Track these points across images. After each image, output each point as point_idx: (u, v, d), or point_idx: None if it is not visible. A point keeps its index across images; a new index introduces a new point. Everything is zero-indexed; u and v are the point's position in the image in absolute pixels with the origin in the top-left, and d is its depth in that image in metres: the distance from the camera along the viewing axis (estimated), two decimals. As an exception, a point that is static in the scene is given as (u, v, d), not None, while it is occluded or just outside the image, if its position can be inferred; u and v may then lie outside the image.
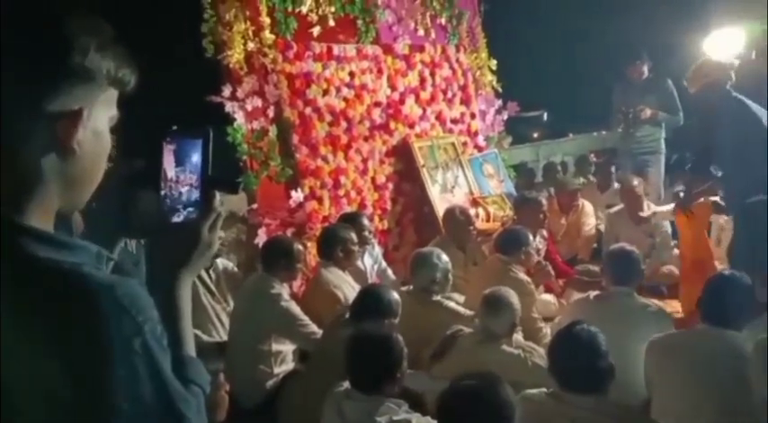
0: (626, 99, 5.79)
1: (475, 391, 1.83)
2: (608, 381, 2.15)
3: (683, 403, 2.44)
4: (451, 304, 3.28)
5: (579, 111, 8.71)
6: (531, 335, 3.20)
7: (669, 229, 4.72)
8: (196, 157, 1.09)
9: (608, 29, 8.18)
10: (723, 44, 4.84)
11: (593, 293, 3.18)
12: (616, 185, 5.69)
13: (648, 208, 4.86)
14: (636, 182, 4.91)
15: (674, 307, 4.25)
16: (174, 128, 1.07)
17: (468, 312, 3.16)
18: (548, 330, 3.29)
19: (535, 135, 11.29)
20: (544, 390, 2.21)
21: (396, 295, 2.79)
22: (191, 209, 1.08)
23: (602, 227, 5.25)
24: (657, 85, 5.73)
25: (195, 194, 1.08)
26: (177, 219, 1.07)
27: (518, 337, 2.99)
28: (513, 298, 2.85)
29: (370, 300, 2.73)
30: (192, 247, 1.05)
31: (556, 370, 2.22)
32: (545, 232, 4.60)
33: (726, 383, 2.41)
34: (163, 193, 1.07)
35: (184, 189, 1.08)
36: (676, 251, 4.72)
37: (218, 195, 1.07)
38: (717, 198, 3.96)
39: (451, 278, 3.41)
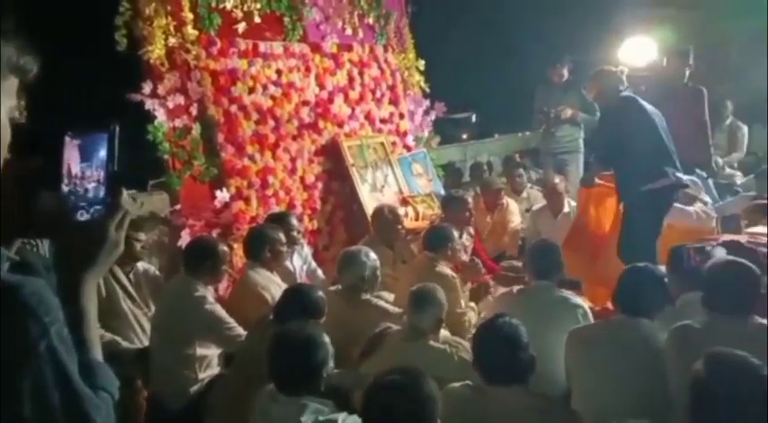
0: (548, 100, 6.01)
1: (398, 385, 1.85)
2: (529, 372, 2.21)
3: (603, 392, 2.53)
4: (380, 302, 3.28)
5: (505, 112, 8.93)
6: (458, 329, 3.24)
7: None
8: (102, 153, 1.05)
9: (533, 33, 8.43)
10: (636, 52, 5.15)
11: (516, 288, 3.26)
12: (524, 194, 5.87)
13: (569, 205, 5.05)
14: (558, 180, 5.09)
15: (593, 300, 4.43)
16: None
17: (397, 310, 3.17)
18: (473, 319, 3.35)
19: (464, 136, 11.47)
20: (468, 383, 2.25)
21: (321, 294, 2.77)
22: (97, 206, 1.03)
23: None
24: (577, 88, 5.98)
25: (101, 191, 1.03)
26: (82, 217, 1.03)
27: (445, 332, 3.01)
28: (439, 293, 2.88)
29: (295, 299, 2.70)
30: (97, 246, 1.01)
31: (479, 363, 2.26)
32: (472, 229, 4.69)
33: (642, 371, 2.52)
34: (67, 189, 1.02)
35: (90, 186, 1.04)
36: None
37: (124, 192, 1.04)
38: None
39: (380, 276, 3.42)
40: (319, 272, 4.22)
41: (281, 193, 4.55)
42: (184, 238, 3.84)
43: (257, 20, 4.54)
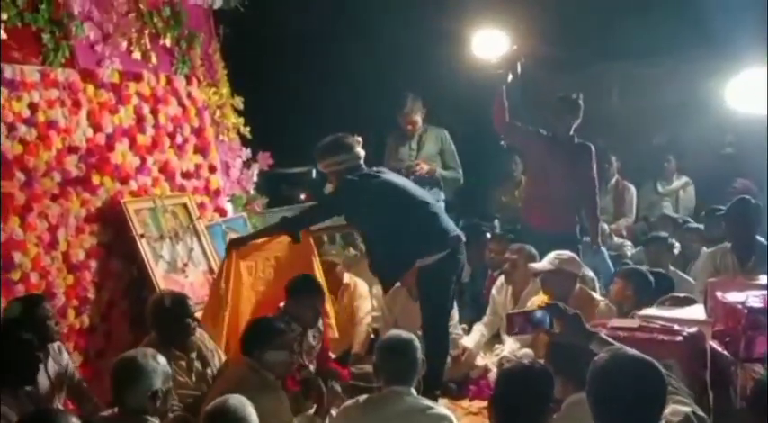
0: (399, 153, 6.20)
1: None
2: None
3: None
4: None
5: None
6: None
7: (455, 311, 5.02)
8: None
9: (384, 69, 8.78)
10: (488, 45, 5.51)
11: (362, 397, 3.25)
12: None
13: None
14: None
15: (466, 407, 4.51)
16: None
17: None
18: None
19: (302, 197, 11.51)
20: None
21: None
22: None
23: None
24: (433, 137, 6.24)
25: None
26: None
27: None
28: (248, 410, 2.81)
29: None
30: None
31: None
32: (321, 324, 4.61)
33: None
34: None
35: None
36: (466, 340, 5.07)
37: None
38: None
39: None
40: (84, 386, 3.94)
41: (34, 277, 4.25)
42: None
43: (2, 35, 4.28)
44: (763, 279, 3.81)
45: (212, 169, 5.64)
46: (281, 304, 4.39)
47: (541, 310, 3.04)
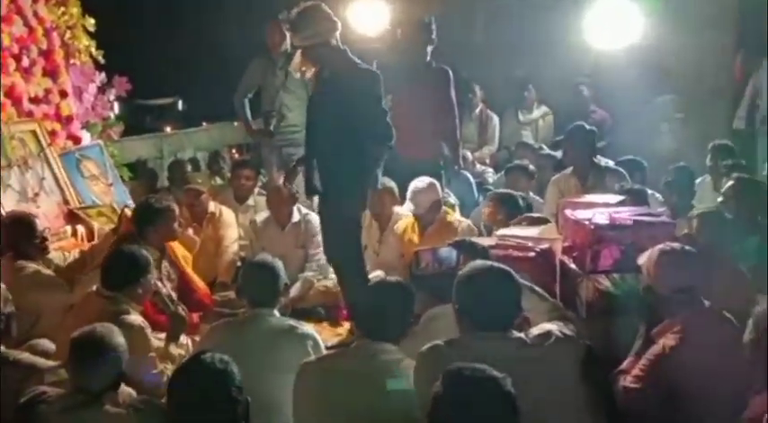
0: (265, 77, 6.09)
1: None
2: (243, 418, 2.29)
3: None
4: (24, 355, 3.12)
5: (219, 95, 8.88)
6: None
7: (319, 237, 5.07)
8: None
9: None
10: (367, 17, 5.44)
11: (225, 320, 3.31)
12: (250, 202, 5.97)
13: (299, 211, 5.16)
14: (282, 180, 5.17)
15: (335, 331, 4.61)
16: None
17: (48, 363, 3.03)
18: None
19: (168, 129, 11.23)
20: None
21: None
22: None
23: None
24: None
25: None
26: None
27: (130, 390, 2.87)
28: (116, 339, 2.75)
29: None
30: None
31: (173, 412, 2.32)
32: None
33: (386, 410, 2.65)
34: None
35: None
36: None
37: None
38: None
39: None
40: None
41: None
42: None
43: None
44: (610, 197, 4.05)
45: (63, 94, 5.43)
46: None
47: (447, 248, 3.14)
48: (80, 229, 4.94)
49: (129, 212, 4.47)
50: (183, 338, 3.86)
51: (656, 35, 6.77)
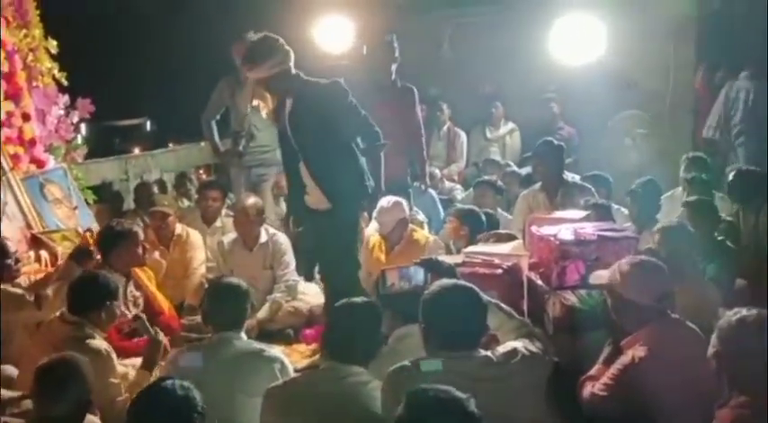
0: (233, 97, 6.05)
1: None
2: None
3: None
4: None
5: (188, 116, 8.86)
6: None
7: (290, 258, 5.04)
8: None
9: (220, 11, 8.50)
10: (333, 35, 5.42)
11: (190, 345, 3.33)
12: (218, 223, 5.91)
13: (267, 232, 5.13)
14: (251, 201, 5.14)
15: (302, 351, 4.57)
16: None
17: (12, 395, 2.98)
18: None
19: (136, 150, 11.16)
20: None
21: None
22: None
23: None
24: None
25: None
26: None
27: (95, 419, 2.88)
28: (84, 368, 2.75)
29: None
30: None
31: None
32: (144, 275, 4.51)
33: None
34: None
35: None
36: (307, 287, 5.09)
37: None
38: None
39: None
40: None
41: None
42: None
43: None
44: (575, 213, 4.08)
45: (26, 117, 5.31)
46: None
47: (414, 266, 3.13)
48: (44, 254, 4.83)
49: (89, 236, 4.42)
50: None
51: (619, 50, 6.86)
